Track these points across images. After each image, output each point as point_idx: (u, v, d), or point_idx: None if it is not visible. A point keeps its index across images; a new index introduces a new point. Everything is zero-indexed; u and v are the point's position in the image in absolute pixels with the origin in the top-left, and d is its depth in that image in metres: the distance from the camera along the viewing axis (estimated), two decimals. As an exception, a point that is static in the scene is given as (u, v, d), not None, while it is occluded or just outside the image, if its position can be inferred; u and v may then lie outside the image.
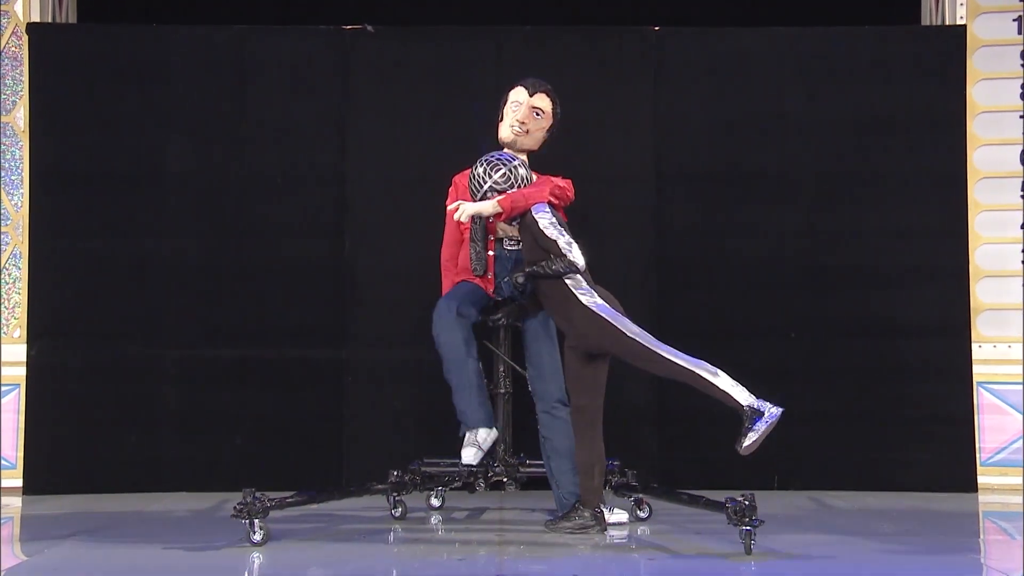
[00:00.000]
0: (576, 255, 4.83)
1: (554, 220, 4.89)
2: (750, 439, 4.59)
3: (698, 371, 4.71)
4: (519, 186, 5.01)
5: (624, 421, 6.29)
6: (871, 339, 6.34)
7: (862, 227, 6.38)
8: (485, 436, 5.04)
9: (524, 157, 5.26)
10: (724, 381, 4.67)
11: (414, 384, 6.21)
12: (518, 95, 5.34)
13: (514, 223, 5.07)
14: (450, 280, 5.41)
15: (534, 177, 5.15)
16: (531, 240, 4.93)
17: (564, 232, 4.87)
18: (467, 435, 5.06)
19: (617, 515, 5.21)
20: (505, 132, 5.33)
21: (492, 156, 5.11)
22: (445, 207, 5.36)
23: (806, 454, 6.30)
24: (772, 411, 4.60)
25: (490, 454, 5.30)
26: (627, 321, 4.82)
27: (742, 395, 4.64)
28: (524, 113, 5.30)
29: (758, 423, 4.58)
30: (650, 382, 6.31)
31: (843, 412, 6.32)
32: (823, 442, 6.31)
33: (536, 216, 4.90)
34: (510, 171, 5.02)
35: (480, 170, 5.06)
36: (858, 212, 6.38)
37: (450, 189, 5.45)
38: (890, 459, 6.32)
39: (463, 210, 4.97)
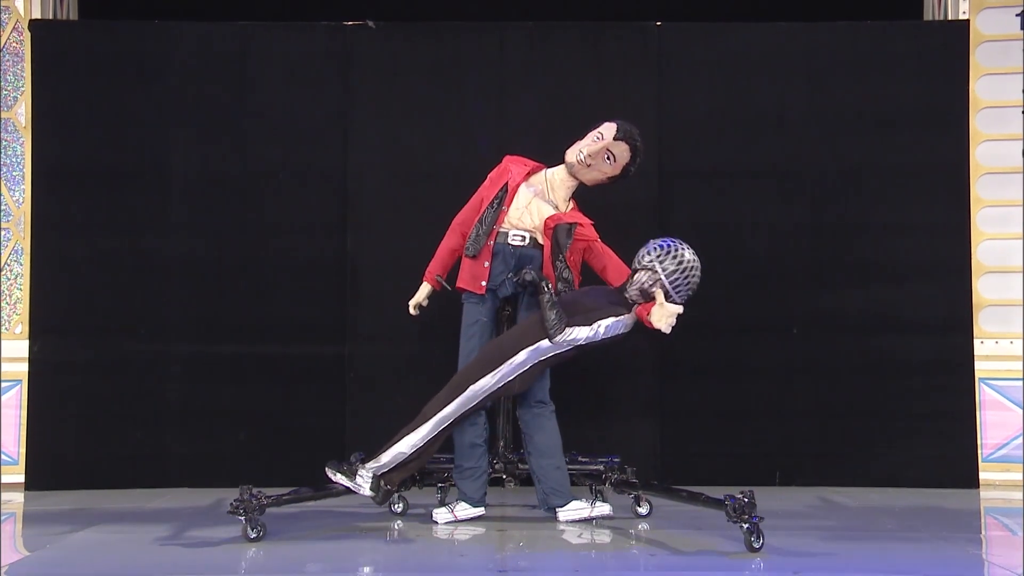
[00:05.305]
0: (556, 330, 4.92)
1: (607, 334, 5.00)
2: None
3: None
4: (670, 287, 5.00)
5: (624, 417, 6.30)
6: (873, 335, 6.33)
7: (864, 223, 6.37)
8: (466, 512, 5.21)
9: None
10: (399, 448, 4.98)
11: (416, 380, 6.18)
12: (606, 130, 5.27)
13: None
14: (448, 246, 5.37)
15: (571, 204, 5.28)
16: (587, 297, 5.06)
17: (597, 333, 4.98)
18: (450, 501, 5.26)
19: (599, 508, 5.23)
20: (571, 155, 5.28)
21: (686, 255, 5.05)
22: (487, 177, 5.37)
23: (808, 450, 6.30)
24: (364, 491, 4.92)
25: (492, 451, 5.35)
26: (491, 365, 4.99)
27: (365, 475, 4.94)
28: (597, 150, 5.23)
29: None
30: (650, 378, 6.32)
31: (844, 408, 6.31)
32: (825, 438, 6.30)
33: (611, 322, 4.99)
34: (683, 272, 5.02)
35: (691, 259, 5.03)
36: (861, 208, 6.37)
37: (500, 167, 5.39)
38: (892, 455, 6.31)
39: (671, 321, 4.92)
